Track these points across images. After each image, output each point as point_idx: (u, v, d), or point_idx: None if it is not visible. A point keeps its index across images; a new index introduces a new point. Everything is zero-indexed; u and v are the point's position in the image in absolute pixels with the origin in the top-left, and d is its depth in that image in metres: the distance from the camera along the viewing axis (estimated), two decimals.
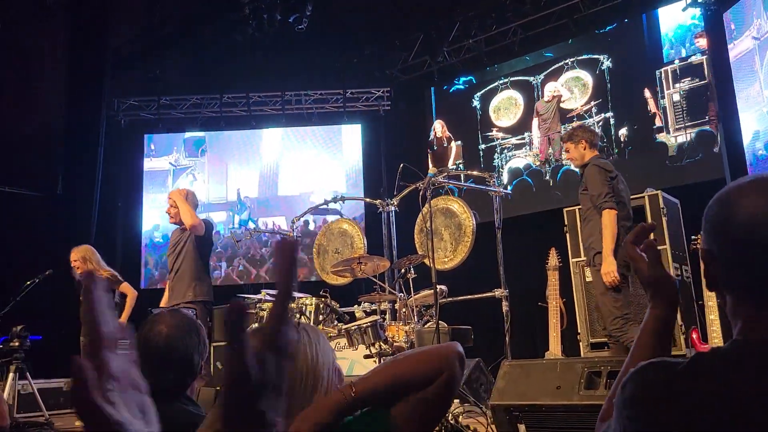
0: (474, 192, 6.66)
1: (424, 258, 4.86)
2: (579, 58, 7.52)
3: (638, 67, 7.06)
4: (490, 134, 8.23)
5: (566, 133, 4.65)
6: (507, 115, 8.13)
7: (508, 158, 8.06)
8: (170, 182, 9.36)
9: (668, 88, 6.81)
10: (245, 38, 8.00)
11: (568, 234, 5.29)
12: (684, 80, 6.72)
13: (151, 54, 8.84)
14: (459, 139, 8.51)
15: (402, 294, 4.88)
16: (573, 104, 7.57)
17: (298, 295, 5.22)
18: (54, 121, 7.99)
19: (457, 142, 8.53)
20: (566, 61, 7.60)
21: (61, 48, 7.95)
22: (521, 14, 7.80)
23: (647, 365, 0.87)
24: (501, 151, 8.12)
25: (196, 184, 9.27)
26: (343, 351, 4.57)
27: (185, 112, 9.44)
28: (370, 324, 4.56)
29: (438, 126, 8.76)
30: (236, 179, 9.47)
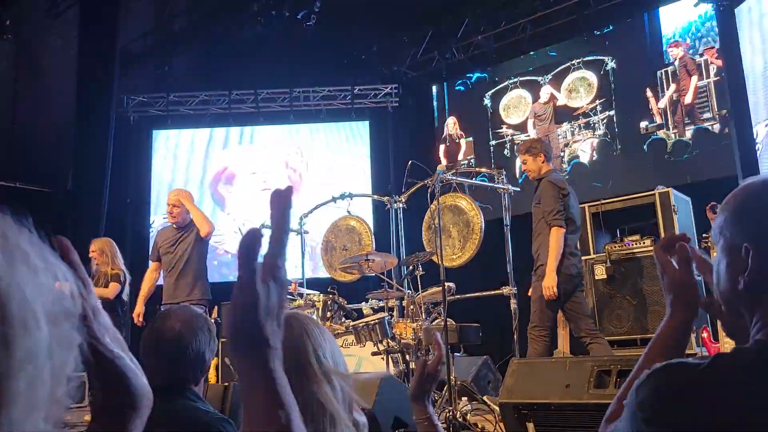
0: (482, 189, 6.64)
1: (432, 255, 4.85)
2: (585, 59, 7.74)
3: (640, 68, 7.27)
4: (500, 131, 8.37)
5: (524, 146, 4.85)
6: (516, 113, 8.34)
7: (518, 153, 8.19)
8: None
9: (668, 88, 7.01)
10: (254, 35, 8.01)
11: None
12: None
13: (160, 51, 8.86)
14: (470, 136, 8.59)
15: (410, 291, 4.87)
16: (579, 102, 7.78)
17: (307, 291, 5.23)
18: (64, 118, 8.02)
19: (468, 138, 8.58)
20: (573, 62, 7.83)
21: (72, 45, 7.99)
22: (530, 10, 7.78)
23: (665, 366, 0.85)
24: (511, 147, 8.27)
25: None
26: (351, 348, 4.57)
27: (193, 109, 9.46)
28: (378, 321, 4.56)
29: (451, 122, 8.84)
30: None
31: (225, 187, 9.48)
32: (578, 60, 7.77)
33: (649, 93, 7.14)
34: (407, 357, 4.50)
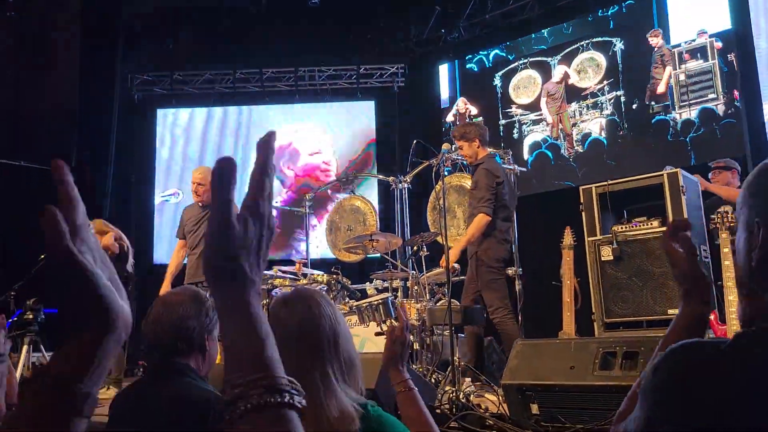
0: None
1: (437, 236, 4.81)
2: (593, 41, 7.73)
3: (647, 49, 7.23)
4: (510, 111, 8.35)
5: (458, 131, 4.89)
6: (526, 93, 8.31)
7: (527, 133, 8.23)
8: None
9: (675, 69, 6.99)
10: (259, 13, 7.91)
11: (584, 213, 5.19)
12: (691, 61, 6.88)
13: (165, 29, 8.79)
14: (480, 116, 8.54)
15: (414, 272, 4.84)
16: (587, 83, 7.77)
17: (311, 272, 5.21)
18: (68, 96, 7.99)
19: (478, 119, 8.53)
20: (581, 43, 7.83)
21: (76, 23, 7.92)
22: None
23: (682, 346, 0.82)
24: (520, 127, 8.27)
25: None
26: (355, 328, 4.56)
27: (198, 88, 9.40)
28: (382, 301, 4.55)
29: (461, 103, 8.79)
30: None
31: None
32: (587, 41, 7.77)
33: (655, 74, 7.14)
34: (411, 338, 4.48)
